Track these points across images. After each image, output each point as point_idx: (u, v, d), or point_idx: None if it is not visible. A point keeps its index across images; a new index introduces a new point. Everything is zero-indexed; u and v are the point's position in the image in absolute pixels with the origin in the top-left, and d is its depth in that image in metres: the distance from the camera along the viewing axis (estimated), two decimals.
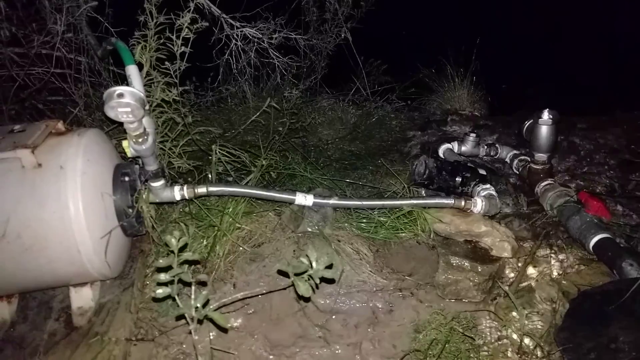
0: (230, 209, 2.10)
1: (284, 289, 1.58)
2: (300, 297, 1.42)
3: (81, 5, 2.50)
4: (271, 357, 1.72)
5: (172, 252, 1.26)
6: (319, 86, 3.77)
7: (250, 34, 3.13)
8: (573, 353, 1.58)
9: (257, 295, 1.77)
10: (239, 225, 2.09)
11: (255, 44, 3.19)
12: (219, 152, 2.30)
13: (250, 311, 1.85)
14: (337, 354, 1.73)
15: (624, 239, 2.15)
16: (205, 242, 2.04)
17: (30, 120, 2.70)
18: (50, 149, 1.73)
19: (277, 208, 2.25)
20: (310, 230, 2.11)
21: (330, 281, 1.80)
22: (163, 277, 1.23)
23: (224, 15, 3.02)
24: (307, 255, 1.24)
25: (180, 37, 2.05)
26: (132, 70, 1.90)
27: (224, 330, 1.69)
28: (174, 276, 1.23)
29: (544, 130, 2.42)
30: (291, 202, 2.15)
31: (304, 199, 2.12)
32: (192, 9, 2.02)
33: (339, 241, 2.08)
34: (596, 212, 2.20)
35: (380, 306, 1.88)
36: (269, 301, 1.88)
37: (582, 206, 2.22)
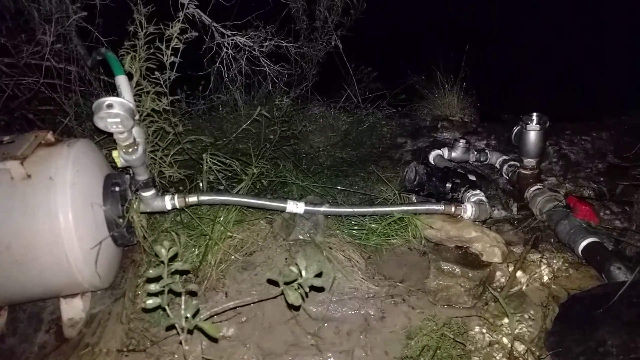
0: (222, 218, 2.10)
1: (275, 297, 1.58)
2: (291, 306, 1.42)
3: (71, 16, 2.50)
4: None
5: (162, 262, 1.26)
6: (310, 94, 3.79)
7: (241, 42, 3.14)
8: (563, 357, 1.60)
9: (249, 304, 1.77)
10: (231, 234, 2.09)
11: (246, 52, 3.20)
12: (210, 161, 2.30)
13: (243, 320, 1.85)
14: None
15: (612, 242, 2.18)
16: (197, 251, 2.04)
17: (21, 130, 2.69)
18: (39, 160, 1.73)
19: (269, 216, 2.25)
20: (301, 238, 2.11)
21: (320, 289, 1.80)
22: (153, 287, 1.23)
23: (215, 24, 3.04)
24: (296, 264, 1.24)
25: (170, 47, 2.06)
26: (121, 81, 1.90)
27: (214, 340, 1.69)
28: (164, 286, 1.22)
29: (532, 136, 2.44)
30: (282, 210, 2.15)
31: (295, 207, 2.13)
32: (181, 19, 2.03)
33: (330, 248, 2.08)
34: (584, 217, 2.23)
35: (372, 313, 1.89)
36: (261, 309, 1.87)
37: (570, 211, 2.25)
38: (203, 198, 2.04)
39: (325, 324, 1.85)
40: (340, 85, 3.80)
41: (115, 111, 1.54)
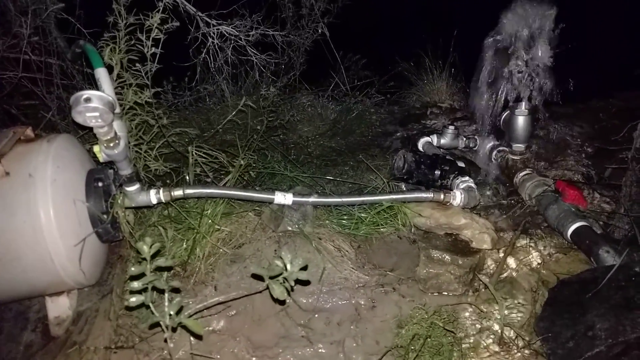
0: (209, 211, 2.07)
1: (261, 292, 1.57)
2: (276, 300, 1.41)
3: (48, 7, 2.43)
4: (254, 359, 1.70)
5: (145, 259, 1.23)
6: (298, 83, 3.75)
7: (226, 32, 3.08)
8: (552, 342, 1.60)
9: (237, 298, 1.75)
10: (219, 227, 2.06)
11: (232, 41, 3.14)
12: (196, 154, 2.27)
13: (232, 313, 1.84)
14: (321, 353, 1.73)
15: (600, 226, 2.18)
16: (185, 245, 2.01)
17: (3, 126, 2.63)
18: (18, 156, 1.69)
19: (257, 208, 2.23)
20: (290, 229, 2.09)
21: (306, 283, 1.79)
22: (136, 285, 1.21)
23: (200, 13, 2.97)
24: (281, 257, 1.22)
25: (150, 38, 2.01)
26: (101, 73, 1.86)
27: (199, 337, 1.67)
28: (146, 284, 1.20)
29: (521, 121, 2.43)
30: (270, 202, 2.13)
31: (283, 198, 2.10)
32: (160, 9, 1.98)
33: (320, 239, 2.06)
34: (573, 201, 2.22)
35: (362, 303, 1.88)
36: (251, 302, 1.86)
37: (559, 195, 2.24)
38: (189, 191, 2.01)
39: (316, 315, 1.84)
40: (329, 74, 3.76)
41: (94, 105, 1.50)
